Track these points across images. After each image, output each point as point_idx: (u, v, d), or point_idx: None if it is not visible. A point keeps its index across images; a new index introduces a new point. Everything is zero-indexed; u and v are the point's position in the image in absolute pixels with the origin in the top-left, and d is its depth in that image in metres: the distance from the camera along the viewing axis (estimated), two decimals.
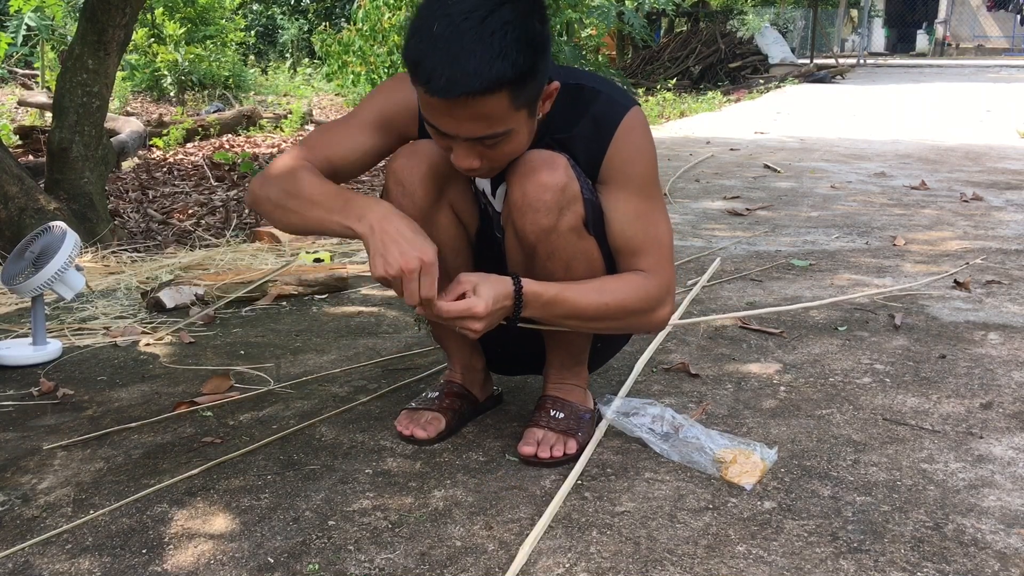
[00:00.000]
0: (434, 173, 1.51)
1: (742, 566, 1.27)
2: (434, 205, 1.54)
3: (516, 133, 1.37)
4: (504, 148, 1.38)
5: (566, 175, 1.44)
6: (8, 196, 3.16)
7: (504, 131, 1.35)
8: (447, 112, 1.31)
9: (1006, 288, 2.71)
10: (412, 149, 1.54)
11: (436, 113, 1.33)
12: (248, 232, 3.70)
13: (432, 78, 1.27)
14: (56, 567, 1.28)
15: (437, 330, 1.74)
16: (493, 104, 1.30)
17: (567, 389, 1.67)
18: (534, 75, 1.32)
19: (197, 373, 2.06)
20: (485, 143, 1.36)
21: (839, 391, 1.92)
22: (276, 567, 1.27)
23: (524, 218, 1.45)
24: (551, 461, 1.57)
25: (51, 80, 8.82)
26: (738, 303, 2.56)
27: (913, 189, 4.60)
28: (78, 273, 2.17)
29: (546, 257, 1.48)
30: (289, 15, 19.22)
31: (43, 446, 1.68)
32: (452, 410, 1.71)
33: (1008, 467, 1.57)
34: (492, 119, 1.32)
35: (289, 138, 7.90)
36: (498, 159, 1.41)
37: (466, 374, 1.76)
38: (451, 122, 1.33)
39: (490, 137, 1.35)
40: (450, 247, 1.57)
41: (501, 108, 1.31)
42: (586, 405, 1.68)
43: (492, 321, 1.41)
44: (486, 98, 1.28)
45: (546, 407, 1.65)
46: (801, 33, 21.59)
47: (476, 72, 1.25)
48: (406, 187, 1.52)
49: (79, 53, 3.39)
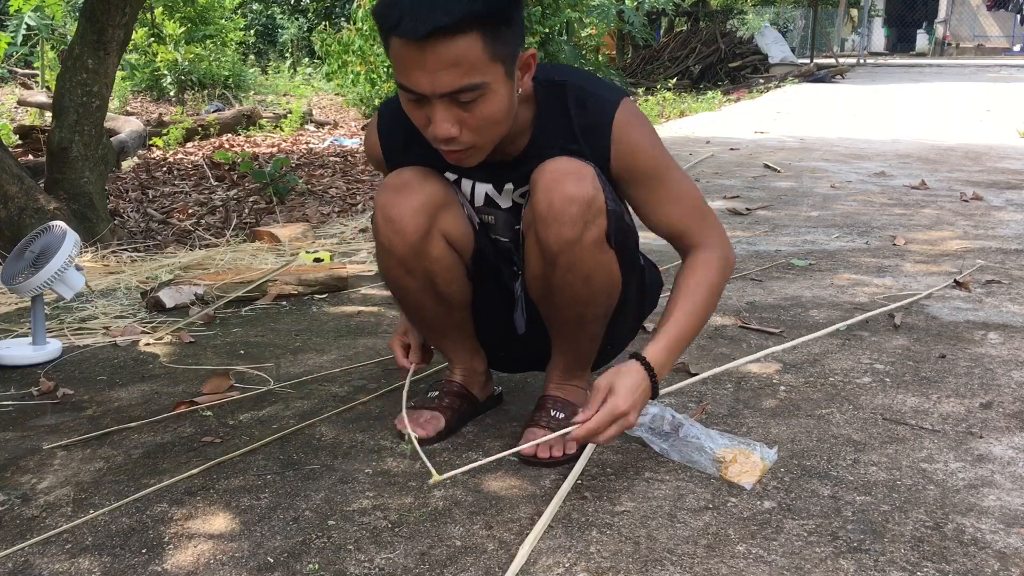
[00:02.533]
0: (423, 205, 1.53)
1: (742, 566, 1.27)
2: (424, 237, 1.55)
3: (493, 92, 1.34)
4: (482, 109, 1.35)
5: (593, 187, 1.43)
6: (8, 196, 3.16)
7: (480, 83, 1.32)
8: (419, 63, 1.29)
9: (1006, 288, 2.71)
10: (398, 181, 1.55)
11: (408, 67, 1.31)
12: (248, 232, 3.71)
13: (402, 20, 1.27)
14: (56, 567, 1.28)
15: (435, 335, 1.74)
16: (466, 47, 1.28)
17: (569, 390, 1.67)
18: (508, 22, 1.32)
19: (197, 373, 2.06)
20: (461, 100, 1.33)
21: (839, 391, 1.92)
22: (276, 567, 1.27)
23: (548, 229, 1.44)
24: (551, 461, 1.57)
25: (51, 80, 8.82)
26: (738, 303, 2.56)
27: (913, 189, 4.60)
28: (78, 273, 2.17)
29: (566, 268, 1.48)
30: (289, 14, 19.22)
31: (43, 446, 1.68)
32: (452, 409, 1.71)
33: (1008, 467, 1.57)
34: (465, 66, 1.30)
35: (289, 138, 7.90)
36: (478, 126, 1.37)
37: (467, 375, 1.76)
38: (424, 76, 1.30)
39: (466, 90, 1.32)
40: (444, 277, 1.60)
41: (474, 53, 1.29)
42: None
43: (640, 407, 1.44)
44: (457, 39, 1.27)
45: (546, 407, 1.65)
46: (801, 33, 21.59)
47: (446, 8, 1.26)
48: (395, 223, 1.54)
49: (79, 53, 3.39)
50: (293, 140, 7.75)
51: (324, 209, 4.25)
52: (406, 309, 1.70)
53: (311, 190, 4.83)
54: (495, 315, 1.73)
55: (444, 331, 1.72)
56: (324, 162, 6.09)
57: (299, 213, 4.16)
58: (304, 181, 4.99)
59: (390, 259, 1.58)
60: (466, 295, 1.66)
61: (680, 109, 10.32)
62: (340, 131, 8.62)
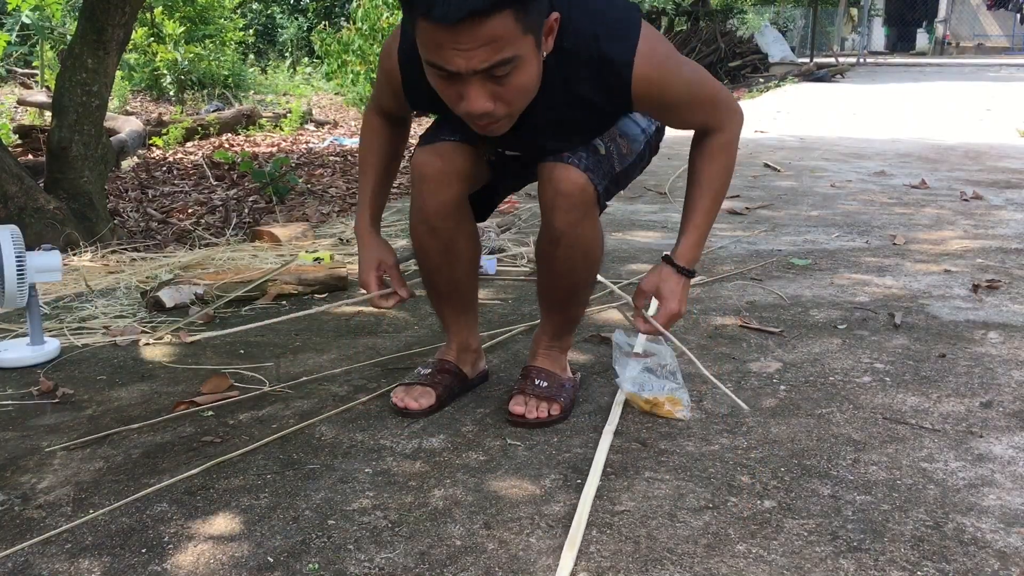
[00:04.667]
0: (457, 171, 1.66)
1: (742, 565, 1.27)
2: (454, 202, 1.69)
3: (525, 62, 1.36)
4: (515, 81, 1.37)
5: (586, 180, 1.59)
6: (8, 195, 3.16)
7: (512, 56, 1.33)
8: (452, 43, 1.30)
9: (1006, 287, 2.71)
10: (435, 146, 1.65)
11: (441, 48, 1.31)
12: (248, 231, 3.70)
13: (434, 4, 1.26)
14: (56, 567, 1.28)
15: (439, 305, 1.88)
16: (499, 25, 1.29)
17: (553, 357, 1.83)
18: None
19: (197, 372, 2.06)
20: (495, 74, 1.34)
21: (839, 390, 1.91)
22: (276, 566, 1.27)
23: (554, 214, 1.62)
24: (537, 421, 1.71)
25: (50, 79, 8.81)
26: (738, 302, 2.56)
27: (913, 188, 4.60)
28: (46, 253, 2.12)
29: (569, 246, 1.65)
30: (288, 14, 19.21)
31: (43, 446, 1.68)
32: (443, 385, 1.83)
33: (1008, 466, 1.56)
34: (500, 42, 1.30)
35: (289, 137, 7.90)
36: (511, 98, 1.40)
37: (460, 353, 1.88)
38: (457, 55, 1.31)
39: (500, 64, 1.33)
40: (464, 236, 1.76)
41: (507, 29, 1.30)
42: (567, 375, 1.84)
43: (686, 302, 1.67)
44: (492, 18, 1.28)
45: (531, 377, 1.79)
46: (801, 32, 21.59)
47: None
48: (430, 183, 1.66)
49: (78, 52, 3.39)
50: (293, 140, 7.75)
51: (324, 209, 4.25)
52: (423, 267, 1.82)
53: (311, 190, 4.83)
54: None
55: (450, 297, 1.84)
56: (324, 162, 6.09)
57: (299, 213, 4.15)
58: (304, 181, 4.99)
59: (419, 216, 1.71)
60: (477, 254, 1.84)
61: None
62: (340, 130, 8.61)
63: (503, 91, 1.38)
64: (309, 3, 19.50)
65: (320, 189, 4.88)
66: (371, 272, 1.78)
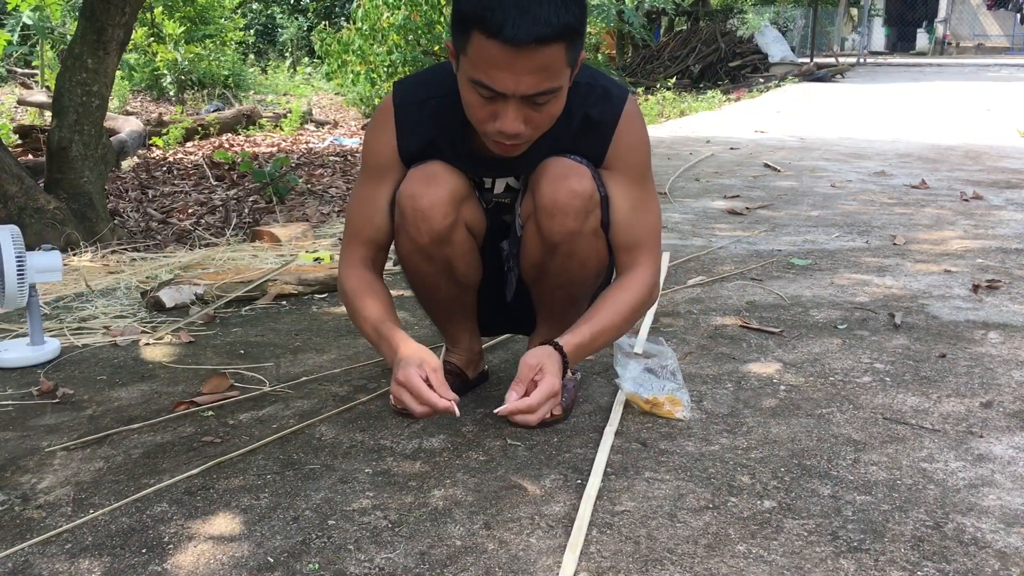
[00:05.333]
0: (451, 196, 1.60)
1: (742, 565, 1.27)
2: (450, 228, 1.62)
3: (561, 93, 1.44)
4: (549, 109, 1.44)
5: (591, 184, 1.57)
6: (8, 195, 3.16)
7: (557, 87, 1.41)
8: (508, 65, 1.35)
9: (1006, 287, 2.71)
10: (426, 173, 1.61)
11: (494, 68, 1.36)
12: (248, 231, 3.70)
13: (505, 25, 1.32)
14: (56, 567, 1.28)
15: (442, 317, 1.85)
16: (553, 55, 1.36)
17: None
18: (583, 32, 1.41)
19: (197, 372, 2.06)
20: (537, 101, 1.41)
21: (839, 390, 1.91)
22: (276, 566, 1.27)
23: (552, 220, 1.57)
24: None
25: (51, 79, 8.81)
26: (738, 302, 2.56)
27: (913, 188, 4.60)
28: (46, 253, 2.13)
29: (566, 255, 1.61)
30: (288, 14, 19.21)
31: (43, 446, 1.68)
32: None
33: (1008, 466, 1.56)
34: (549, 71, 1.37)
35: (289, 137, 7.90)
36: (540, 123, 1.46)
37: (465, 358, 1.88)
38: (510, 77, 1.36)
39: (545, 93, 1.40)
40: (463, 261, 1.69)
41: (558, 59, 1.37)
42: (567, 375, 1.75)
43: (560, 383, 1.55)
44: (550, 47, 1.34)
45: None
46: (801, 32, 21.57)
47: (547, 20, 1.32)
48: (425, 213, 1.59)
49: (79, 52, 3.39)
50: (293, 140, 7.75)
51: (324, 209, 4.25)
52: (418, 291, 1.80)
53: (311, 190, 4.83)
54: (487, 284, 1.81)
55: (452, 313, 1.82)
56: (324, 162, 6.09)
57: (299, 213, 4.15)
58: (304, 181, 4.99)
59: (412, 247, 1.65)
60: (478, 276, 1.75)
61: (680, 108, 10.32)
62: (340, 130, 8.62)
63: (536, 116, 1.44)
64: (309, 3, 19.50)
65: (320, 189, 4.88)
66: (415, 375, 1.49)
